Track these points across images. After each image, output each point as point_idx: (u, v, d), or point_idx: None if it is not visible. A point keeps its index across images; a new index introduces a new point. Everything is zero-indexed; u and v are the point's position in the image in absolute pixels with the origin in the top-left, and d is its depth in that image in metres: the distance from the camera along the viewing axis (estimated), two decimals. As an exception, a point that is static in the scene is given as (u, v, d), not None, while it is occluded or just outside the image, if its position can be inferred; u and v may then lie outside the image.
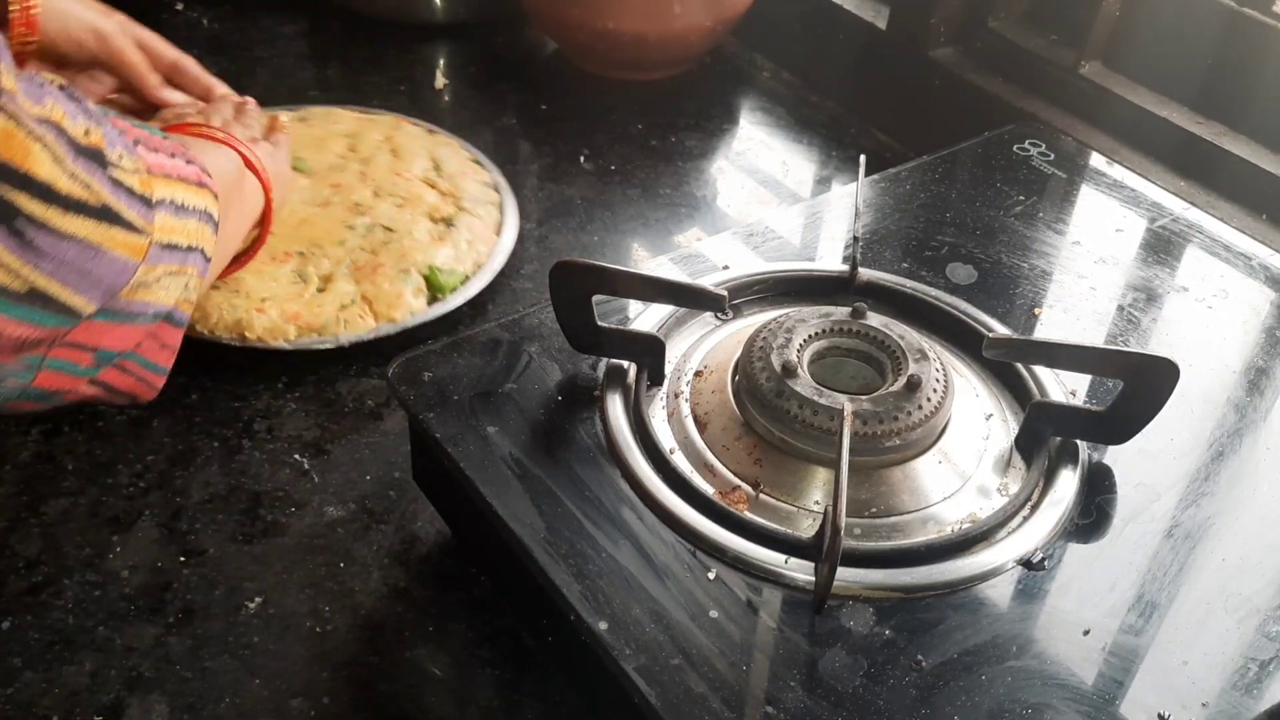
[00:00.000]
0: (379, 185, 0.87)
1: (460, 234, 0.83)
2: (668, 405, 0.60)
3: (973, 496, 0.56)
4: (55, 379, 0.49)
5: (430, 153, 0.92)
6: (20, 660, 0.58)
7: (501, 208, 0.89)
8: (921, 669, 0.47)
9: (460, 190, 0.88)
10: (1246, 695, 0.48)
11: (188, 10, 1.18)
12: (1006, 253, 0.73)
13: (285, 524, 0.67)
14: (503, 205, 0.89)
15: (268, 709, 0.57)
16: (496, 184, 0.91)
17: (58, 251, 0.44)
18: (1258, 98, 0.88)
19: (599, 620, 0.48)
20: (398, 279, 0.78)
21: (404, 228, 0.82)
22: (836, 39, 1.11)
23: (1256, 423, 0.62)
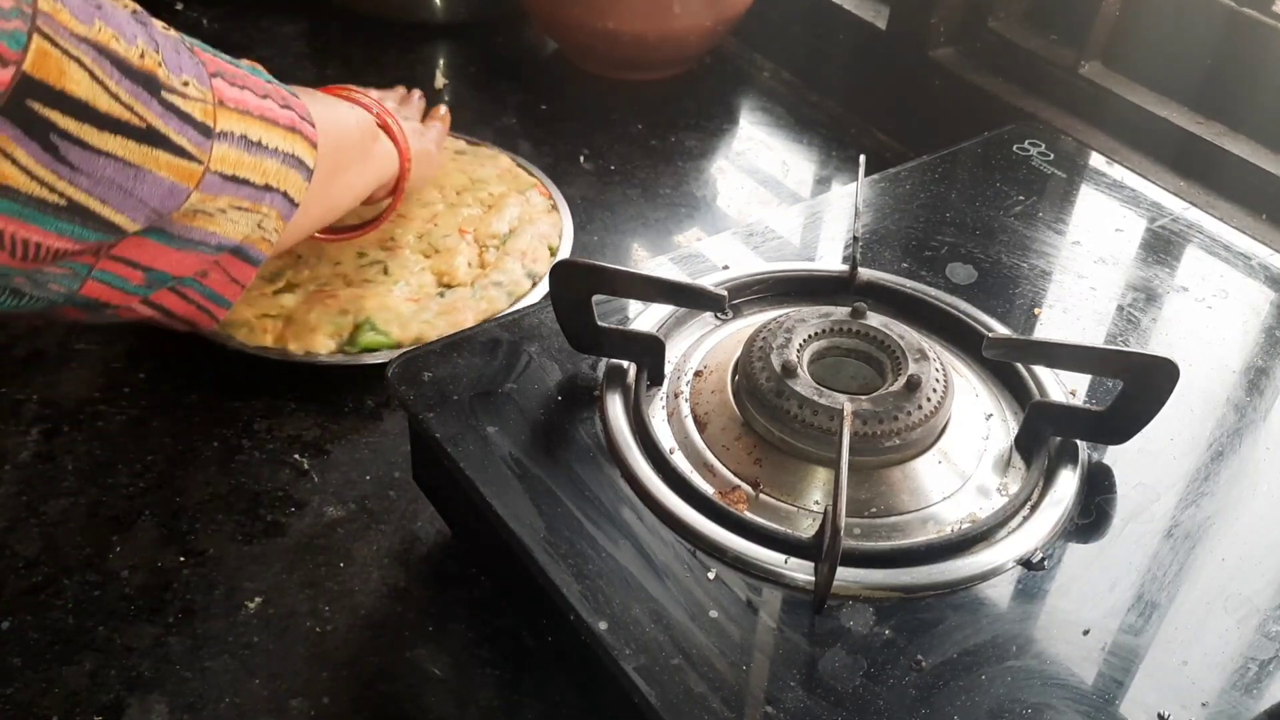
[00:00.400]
0: (435, 232, 0.83)
1: (460, 314, 0.77)
2: (668, 405, 0.60)
3: (972, 496, 0.56)
4: (103, 290, 0.49)
5: (520, 213, 0.87)
6: (20, 660, 0.58)
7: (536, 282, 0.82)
8: (921, 669, 0.47)
9: (505, 267, 0.81)
10: (1246, 695, 0.48)
11: (188, 10, 1.18)
12: (1006, 253, 0.73)
13: (285, 524, 0.67)
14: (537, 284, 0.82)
15: (267, 709, 0.57)
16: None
17: (94, 168, 0.44)
18: (1258, 98, 0.88)
19: (599, 620, 0.48)
20: (328, 314, 0.75)
21: (399, 275, 0.79)
22: (836, 39, 1.11)
23: (1256, 423, 0.62)
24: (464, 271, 0.81)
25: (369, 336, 0.75)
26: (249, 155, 0.52)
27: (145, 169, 0.46)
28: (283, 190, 0.54)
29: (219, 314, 0.57)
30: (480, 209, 0.87)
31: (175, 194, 0.48)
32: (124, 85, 0.45)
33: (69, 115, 0.43)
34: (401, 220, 0.84)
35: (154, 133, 0.47)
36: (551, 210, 0.89)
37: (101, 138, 0.45)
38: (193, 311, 0.55)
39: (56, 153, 0.43)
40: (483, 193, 0.88)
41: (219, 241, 0.52)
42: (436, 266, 0.81)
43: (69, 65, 0.43)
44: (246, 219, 0.53)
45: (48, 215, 0.44)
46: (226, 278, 0.55)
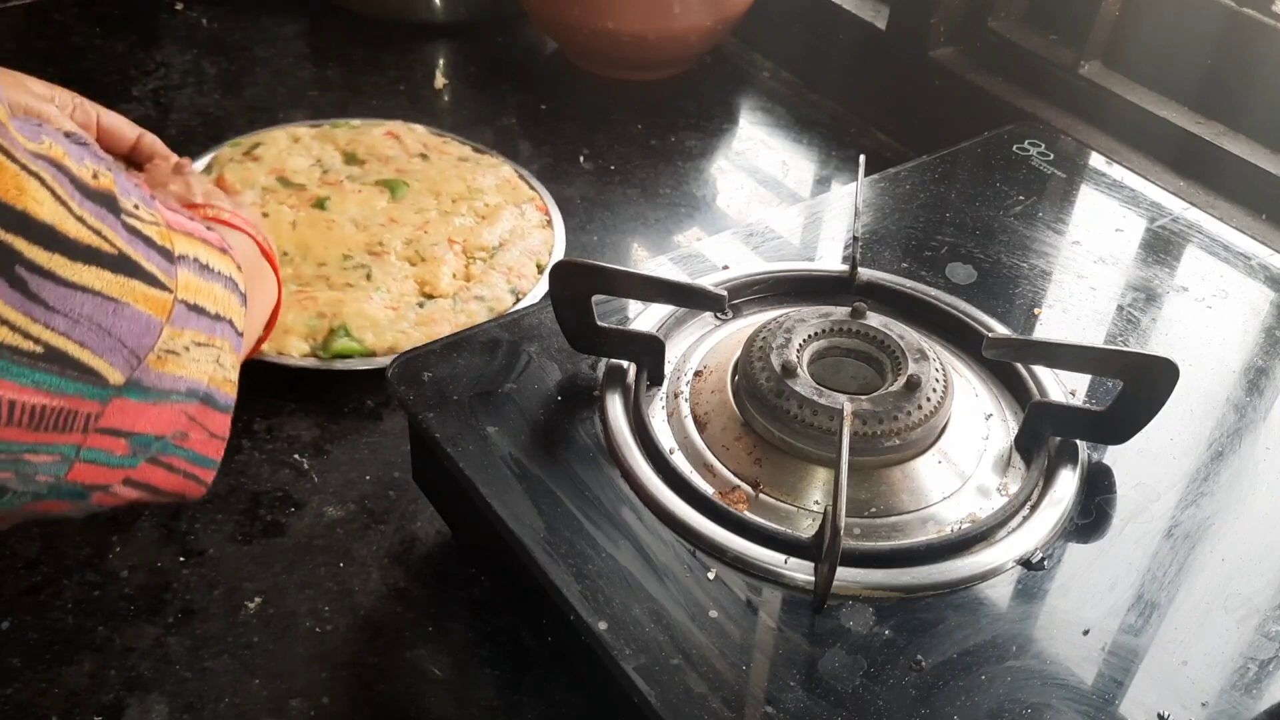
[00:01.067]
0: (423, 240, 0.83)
1: (437, 326, 0.77)
2: (667, 405, 0.60)
3: (972, 496, 0.56)
4: (90, 471, 0.44)
5: (512, 226, 0.86)
6: (20, 660, 0.58)
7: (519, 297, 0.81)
8: (921, 669, 0.47)
9: (489, 281, 0.81)
10: (1246, 695, 0.48)
11: (187, 10, 1.18)
12: (1006, 253, 0.73)
13: (285, 524, 0.67)
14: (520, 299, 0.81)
15: (267, 709, 0.57)
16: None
17: (70, 306, 0.39)
18: (1258, 98, 0.88)
19: (599, 620, 0.48)
20: (305, 316, 0.75)
21: (382, 281, 0.79)
22: (836, 39, 1.11)
23: (1256, 423, 0.62)
24: (447, 282, 0.80)
25: (342, 342, 0.75)
26: (204, 281, 0.47)
27: (123, 302, 0.41)
28: (229, 319, 0.49)
29: (206, 477, 0.51)
30: (473, 219, 0.86)
31: (150, 330, 0.43)
32: (87, 207, 0.39)
33: (35, 243, 0.37)
34: (392, 225, 0.84)
35: (126, 260, 0.41)
36: (545, 226, 0.88)
37: (74, 269, 0.38)
38: (179, 482, 0.49)
39: (26, 289, 0.37)
40: (479, 202, 0.88)
41: (188, 386, 0.46)
42: (420, 275, 0.80)
43: (28, 182, 0.37)
44: (206, 356, 0.47)
45: (22, 366, 0.37)
46: (205, 434, 0.49)
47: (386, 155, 0.92)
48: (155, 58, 1.10)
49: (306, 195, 0.86)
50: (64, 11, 1.16)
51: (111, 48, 1.11)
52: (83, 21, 1.15)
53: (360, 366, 0.74)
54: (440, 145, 0.95)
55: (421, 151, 0.93)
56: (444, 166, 0.91)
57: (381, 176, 0.89)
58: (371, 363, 0.74)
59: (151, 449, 0.46)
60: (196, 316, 0.46)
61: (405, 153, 0.93)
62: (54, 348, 0.38)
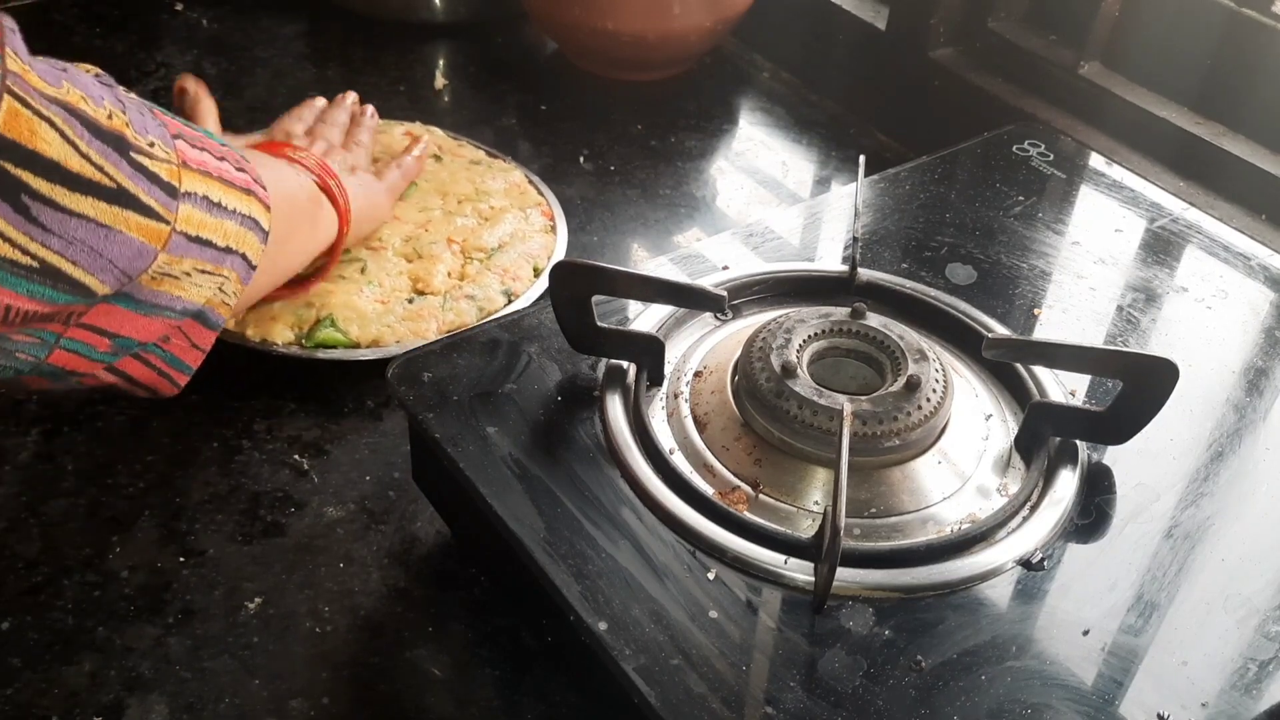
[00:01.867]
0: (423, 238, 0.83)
1: (424, 322, 0.77)
2: (667, 405, 0.60)
3: (972, 497, 0.56)
4: (70, 359, 0.49)
5: (514, 230, 0.86)
6: (20, 660, 0.58)
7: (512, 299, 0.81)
8: (921, 669, 0.47)
9: (483, 281, 0.81)
10: (1246, 695, 0.48)
11: (188, 10, 1.18)
12: (1006, 253, 0.73)
13: (285, 524, 0.67)
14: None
15: (267, 709, 0.57)
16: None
17: (65, 229, 0.44)
18: (1258, 98, 0.88)
19: (598, 620, 0.48)
20: (292, 305, 0.75)
21: (375, 275, 0.78)
22: (836, 39, 1.11)
23: (1256, 423, 0.62)
24: (440, 280, 0.80)
25: (326, 333, 0.75)
26: (211, 217, 0.52)
27: (116, 229, 0.46)
28: (241, 252, 0.54)
29: (180, 380, 0.57)
30: (476, 220, 0.86)
31: (144, 255, 0.48)
32: (94, 145, 0.45)
33: (40, 176, 0.43)
34: (394, 222, 0.84)
35: (124, 193, 0.47)
36: (548, 231, 0.87)
37: (73, 198, 0.44)
38: (154, 378, 0.55)
39: (28, 214, 0.43)
40: (484, 205, 0.88)
41: (183, 306, 0.52)
42: (415, 272, 0.80)
43: (40, 125, 0.43)
44: (209, 282, 0.53)
45: (19, 277, 0.44)
46: (188, 343, 0.55)
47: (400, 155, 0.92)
48: (155, 58, 1.10)
49: None
50: (64, 11, 1.16)
51: (111, 48, 1.11)
52: (83, 21, 1.15)
53: (341, 357, 0.74)
54: (454, 148, 0.95)
55: (435, 153, 0.93)
56: (455, 168, 0.91)
57: None
58: (353, 354, 0.74)
59: (134, 349, 0.52)
60: (200, 247, 0.51)
61: None
62: (48, 264, 0.44)
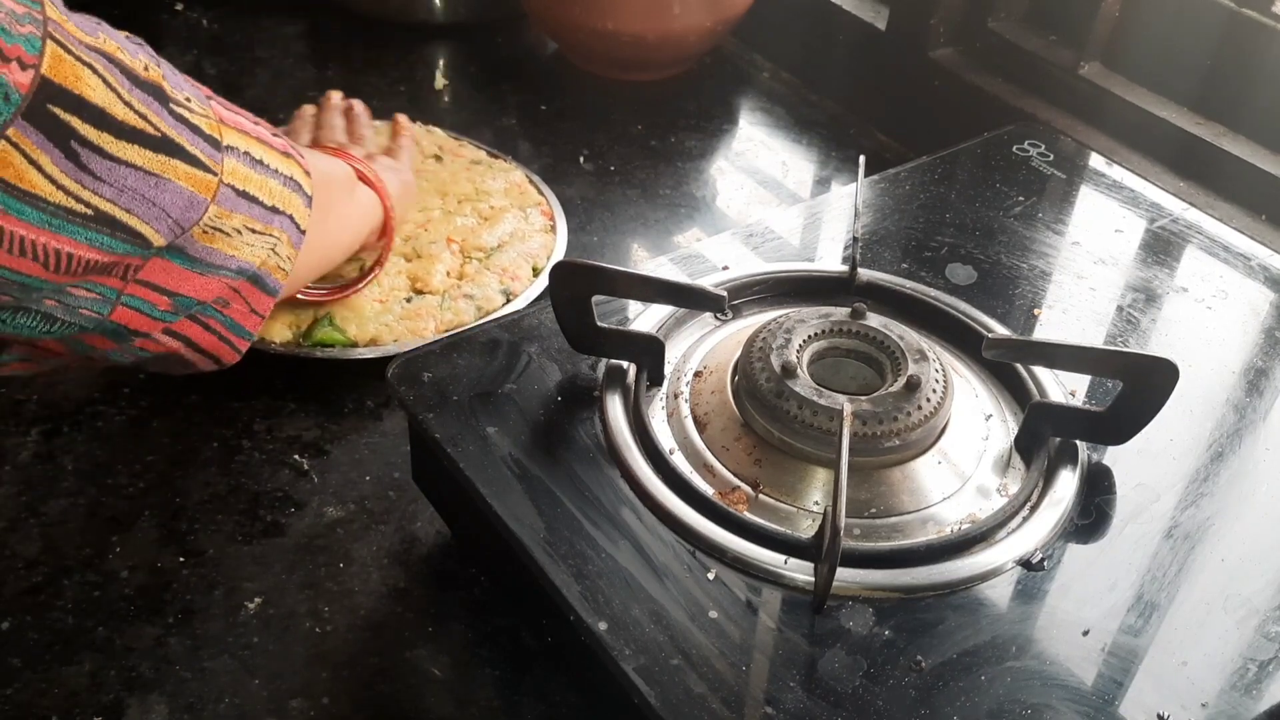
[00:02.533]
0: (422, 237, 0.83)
1: (422, 321, 0.77)
2: (667, 405, 0.60)
3: (972, 497, 0.56)
4: (132, 316, 0.50)
5: (513, 229, 0.86)
6: (20, 660, 0.58)
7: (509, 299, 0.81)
8: (921, 669, 0.47)
9: (481, 281, 0.80)
10: (1246, 696, 0.48)
11: (188, 10, 1.18)
12: (1006, 253, 0.73)
13: (285, 524, 0.67)
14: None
15: (267, 709, 0.57)
16: None
17: (116, 177, 0.44)
18: (1258, 98, 0.88)
19: (599, 620, 0.48)
20: (290, 304, 0.74)
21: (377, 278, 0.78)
22: (836, 39, 1.11)
23: (1256, 423, 0.62)
24: (439, 280, 0.80)
25: (324, 331, 0.75)
26: (256, 173, 0.52)
27: (165, 178, 0.47)
28: (289, 213, 0.54)
29: (241, 345, 0.57)
30: (476, 220, 0.86)
31: (195, 205, 0.49)
32: (135, 94, 0.45)
33: (88, 122, 0.43)
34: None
35: (169, 141, 0.47)
36: (548, 231, 0.87)
37: (120, 146, 0.45)
38: (214, 343, 0.55)
39: (79, 160, 0.43)
40: (484, 204, 0.88)
41: (238, 265, 0.52)
42: (413, 271, 0.80)
43: (83, 71, 0.43)
44: (261, 242, 0.53)
45: (76, 225, 0.44)
46: (247, 308, 0.55)
47: None
48: (155, 58, 1.10)
49: None
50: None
51: (111, 48, 1.11)
52: (83, 21, 1.15)
53: (339, 356, 0.74)
54: (455, 147, 0.95)
55: (436, 153, 0.93)
56: (456, 169, 0.91)
57: None
58: (351, 353, 0.74)
59: (192, 309, 0.52)
60: (248, 204, 0.51)
61: (420, 153, 0.93)
62: (103, 211, 0.45)
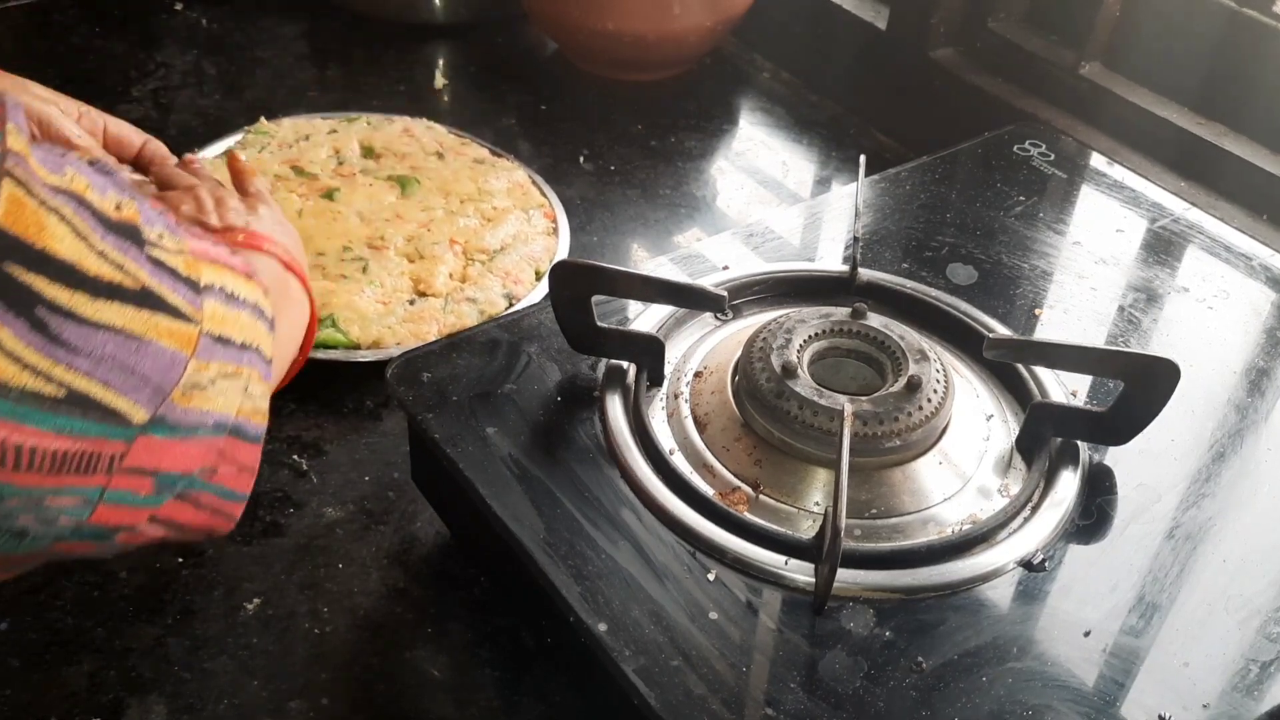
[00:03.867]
0: (425, 238, 0.83)
1: (425, 324, 0.77)
2: (667, 406, 0.60)
3: (973, 497, 0.56)
4: (114, 513, 0.43)
5: (516, 231, 0.86)
6: (20, 661, 0.58)
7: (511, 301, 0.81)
8: (922, 670, 0.47)
9: (484, 284, 0.81)
10: (1247, 696, 0.48)
11: (187, 10, 1.18)
12: (1007, 253, 0.73)
13: (284, 525, 0.66)
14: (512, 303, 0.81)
15: (266, 710, 0.57)
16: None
17: (93, 345, 0.38)
18: (1258, 98, 0.88)
19: (598, 621, 0.48)
20: None
21: (377, 275, 0.78)
22: (836, 39, 1.11)
23: (1257, 423, 0.61)
24: (441, 282, 0.80)
25: (326, 333, 0.74)
26: (229, 309, 0.46)
27: (148, 339, 0.40)
28: (256, 346, 0.47)
29: (235, 512, 0.49)
30: (478, 220, 0.86)
31: (175, 365, 0.42)
32: (109, 241, 0.39)
33: (57, 282, 0.36)
34: (397, 221, 0.84)
35: (150, 295, 0.40)
36: (550, 234, 0.87)
37: (96, 306, 0.38)
38: (206, 518, 0.48)
39: (47, 331, 0.36)
40: (486, 205, 0.88)
41: (215, 420, 0.45)
42: (416, 273, 0.80)
43: (48, 218, 0.36)
44: (234, 386, 0.46)
45: (45, 411, 0.37)
46: (235, 468, 0.48)
47: (403, 151, 0.92)
48: (155, 58, 1.10)
49: (317, 185, 0.87)
50: (64, 11, 1.16)
51: (111, 48, 1.11)
52: (83, 21, 1.15)
53: (341, 358, 0.74)
54: (458, 146, 0.95)
55: (438, 150, 0.93)
56: (458, 167, 0.91)
57: (395, 172, 0.89)
58: (354, 355, 0.74)
59: (178, 486, 0.45)
60: (223, 347, 0.45)
61: (421, 150, 0.93)
62: (76, 390, 0.37)
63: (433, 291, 0.79)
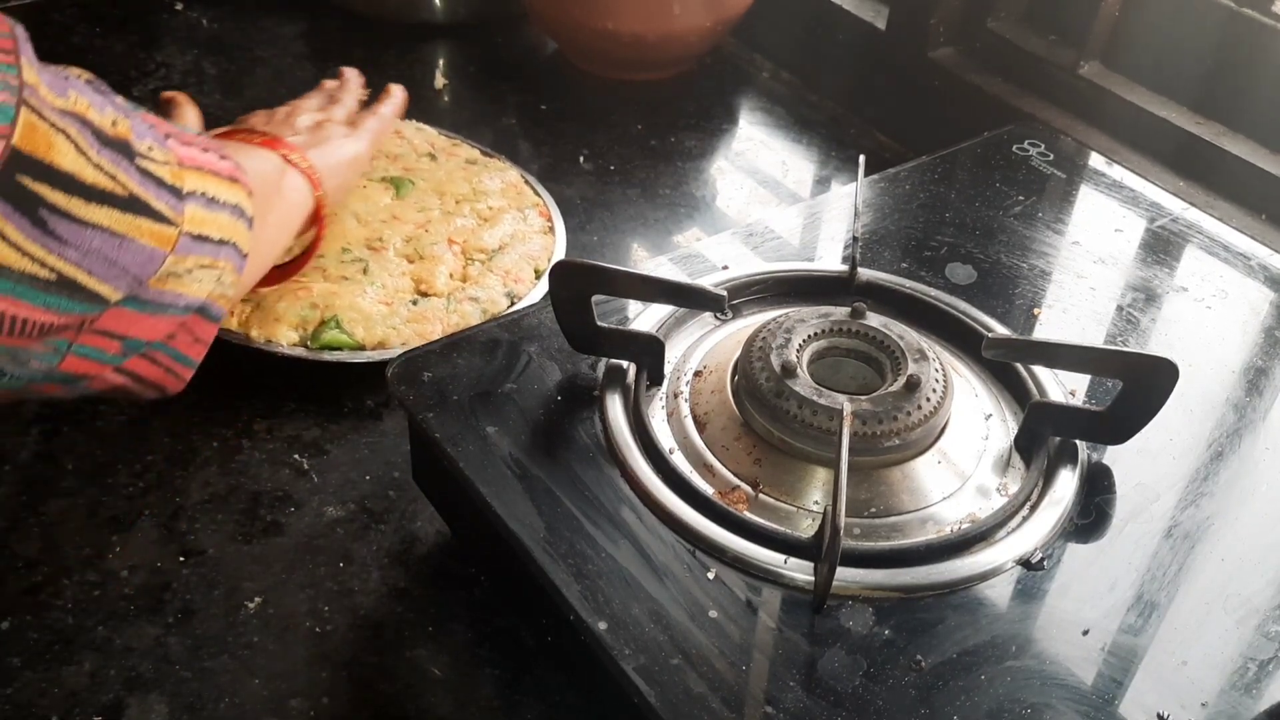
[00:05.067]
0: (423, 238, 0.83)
1: (429, 324, 0.77)
2: (667, 405, 0.60)
3: (972, 496, 0.56)
4: (82, 364, 0.50)
5: (513, 230, 0.86)
6: (20, 660, 0.58)
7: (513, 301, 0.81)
8: (921, 669, 0.47)
9: (485, 283, 0.81)
10: (1246, 695, 0.48)
11: (187, 10, 1.18)
12: (1006, 253, 0.73)
13: (285, 524, 0.67)
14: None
15: (267, 709, 0.57)
16: None
17: (82, 240, 0.44)
18: (1257, 98, 0.88)
19: (598, 620, 0.48)
20: (297, 306, 0.75)
21: (378, 276, 0.78)
22: (836, 39, 1.11)
23: (1255, 423, 0.62)
24: (442, 282, 0.80)
25: (331, 334, 0.74)
26: (209, 212, 0.52)
27: (130, 238, 0.47)
28: (233, 242, 0.54)
29: (185, 374, 0.57)
30: (475, 220, 0.86)
31: (154, 260, 0.48)
32: (105, 155, 0.45)
33: (58, 189, 0.43)
34: (394, 222, 0.84)
35: (136, 200, 0.47)
36: (547, 232, 0.87)
37: (89, 209, 0.45)
38: (160, 374, 0.55)
39: (45, 227, 0.43)
40: (481, 205, 0.87)
41: (186, 302, 0.52)
42: (417, 273, 0.80)
43: (56, 138, 0.43)
44: (208, 276, 0.53)
45: (38, 290, 0.44)
46: (191, 338, 0.55)
47: (395, 153, 0.92)
48: (155, 58, 1.10)
49: None
50: (64, 11, 1.16)
51: (111, 48, 1.11)
52: (83, 21, 1.15)
53: (348, 359, 0.74)
54: (449, 147, 0.95)
55: (430, 151, 0.93)
56: (451, 168, 0.91)
57: (388, 174, 0.89)
58: (359, 356, 0.74)
59: (141, 349, 0.52)
60: (200, 244, 0.51)
61: (414, 151, 0.93)
62: (65, 275, 0.44)
63: (434, 291, 0.79)
